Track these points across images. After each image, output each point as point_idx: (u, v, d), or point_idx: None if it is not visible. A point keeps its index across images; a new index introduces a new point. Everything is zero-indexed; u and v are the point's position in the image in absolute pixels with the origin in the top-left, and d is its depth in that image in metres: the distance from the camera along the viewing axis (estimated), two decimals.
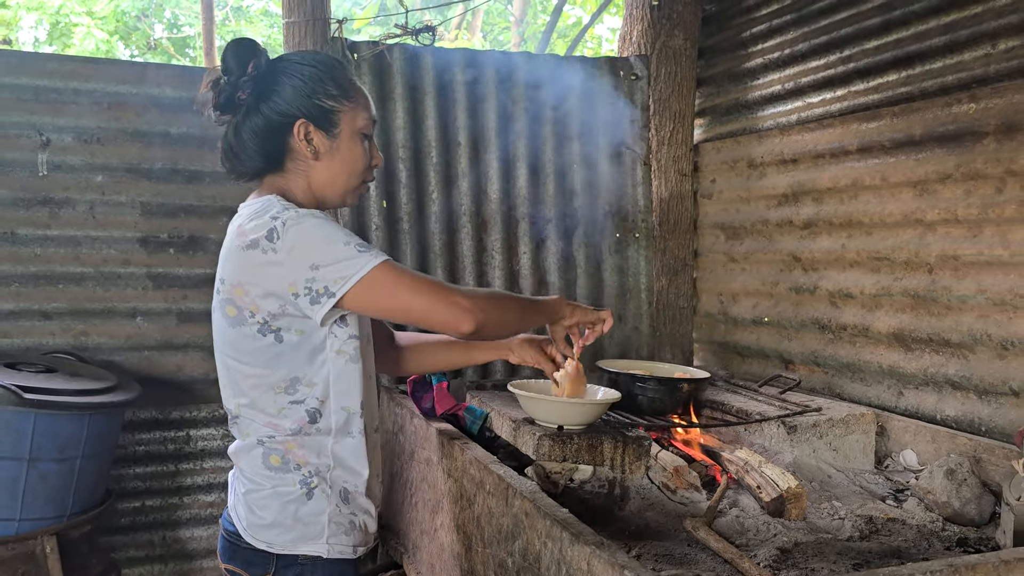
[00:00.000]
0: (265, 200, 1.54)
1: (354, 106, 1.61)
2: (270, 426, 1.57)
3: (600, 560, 1.43)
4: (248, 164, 1.61)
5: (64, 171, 3.04)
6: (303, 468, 1.58)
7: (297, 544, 1.57)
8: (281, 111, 1.56)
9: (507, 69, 3.40)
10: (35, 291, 3.02)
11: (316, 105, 1.57)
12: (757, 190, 3.38)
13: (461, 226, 3.37)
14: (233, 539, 1.62)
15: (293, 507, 1.57)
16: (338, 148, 1.60)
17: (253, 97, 1.57)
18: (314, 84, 1.57)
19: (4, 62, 2.98)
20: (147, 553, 3.20)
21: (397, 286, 1.49)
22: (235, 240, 1.53)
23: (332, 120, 1.59)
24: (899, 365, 2.76)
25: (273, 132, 1.57)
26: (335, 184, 1.63)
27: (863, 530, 2.02)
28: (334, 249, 1.47)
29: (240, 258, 1.50)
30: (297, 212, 1.49)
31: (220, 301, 1.57)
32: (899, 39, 2.76)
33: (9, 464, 2.40)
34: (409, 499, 2.57)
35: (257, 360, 1.54)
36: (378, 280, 1.47)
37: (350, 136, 1.61)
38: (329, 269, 1.46)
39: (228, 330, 1.56)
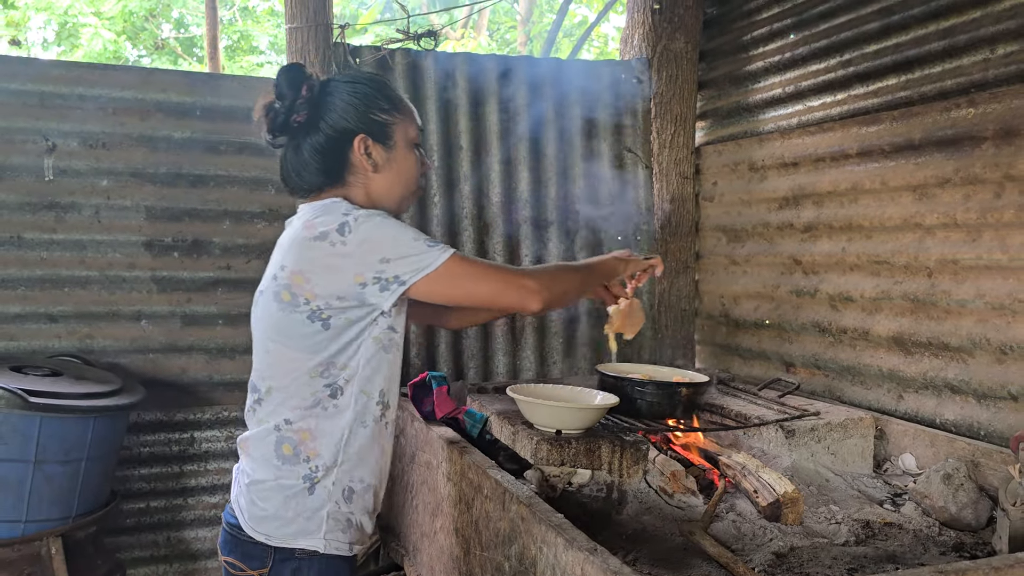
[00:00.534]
0: (332, 201, 1.64)
1: (404, 118, 1.71)
2: (295, 410, 1.61)
3: (593, 566, 1.44)
4: (309, 180, 1.70)
5: (70, 176, 3.07)
6: (312, 461, 1.61)
7: (296, 538, 1.60)
8: (341, 128, 1.66)
9: (509, 73, 3.42)
10: (41, 294, 3.05)
11: (372, 120, 1.67)
12: (758, 193, 3.38)
13: (463, 229, 3.39)
14: (234, 532, 1.66)
15: (294, 500, 1.60)
16: (395, 159, 1.70)
17: (311, 118, 1.67)
18: (367, 101, 1.67)
19: (10, 68, 3.01)
20: (152, 553, 3.23)
21: (468, 276, 1.61)
22: (301, 232, 1.60)
23: (387, 133, 1.69)
24: (899, 369, 2.77)
25: (334, 148, 1.67)
26: (392, 193, 1.72)
27: (859, 535, 2.03)
28: (404, 244, 1.57)
29: (306, 248, 1.58)
30: (367, 211, 1.59)
31: (276, 287, 1.62)
32: (898, 43, 2.76)
33: (15, 466, 2.43)
34: (410, 501, 2.59)
35: (301, 345, 1.60)
36: (450, 272, 1.58)
37: (404, 147, 1.71)
38: (400, 262, 1.56)
39: (278, 314, 1.62)
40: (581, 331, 3.55)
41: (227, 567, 1.68)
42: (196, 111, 3.20)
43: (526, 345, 3.49)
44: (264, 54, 12.25)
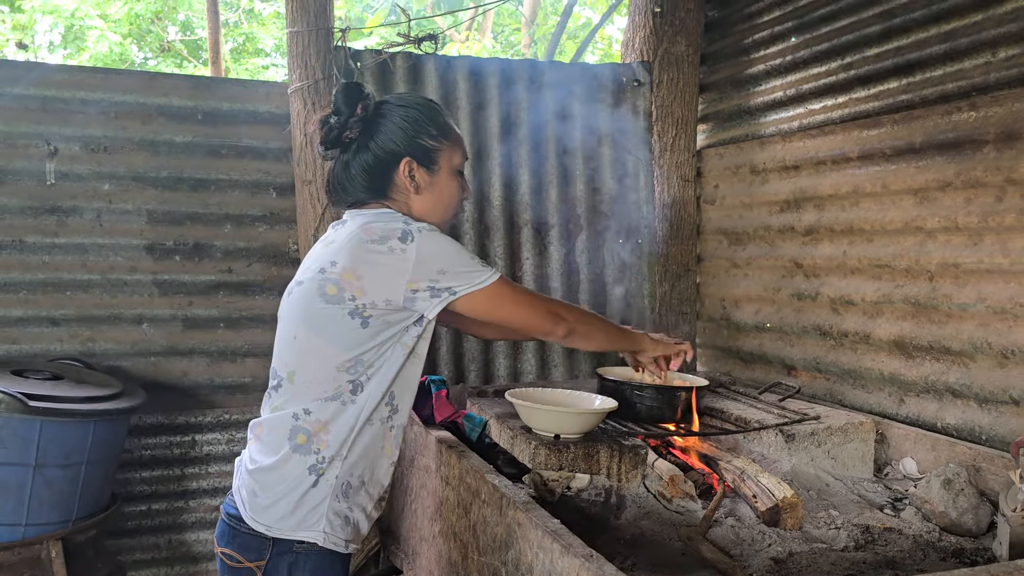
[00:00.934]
0: (387, 211, 1.75)
1: (451, 145, 1.80)
2: (315, 400, 1.66)
3: (589, 572, 1.44)
4: (354, 194, 1.78)
5: (71, 180, 3.09)
6: (321, 452, 1.65)
7: (295, 530, 1.63)
8: (389, 150, 1.75)
9: (510, 76, 3.42)
10: (43, 298, 3.06)
11: (419, 145, 1.75)
12: (759, 196, 3.38)
13: (463, 232, 3.39)
14: (233, 523, 1.68)
15: (297, 492, 1.63)
16: (437, 183, 1.78)
17: (363, 136, 1.76)
18: (417, 126, 1.75)
19: (12, 72, 3.03)
20: (153, 556, 3.24)
21: (509, 299, 1.74)
22: (359, 234, 1.67)
23: (432, 158, 1.77)
24: (900, 372, 2.75)
25: (381, 168, 1.75)
26: (433, 215, 1.79)
27: (859, 540, 2.02)
28: (461, 260, 1.68)
29: (363, 249, 1.65)
30: (427, 224, 1.70)
31: (321, 279, 1.67)
32: (899, 47, 2.75)
33: (15, 470, 2.44)
34: (409, 505, 2.59)
35: (336, 339, 1.66)
36: (496, 292, 1.70)
37: (448, 173, 1.79)
38: (454, 275, 1.66)
39: (319, 305, 1.66)
40: None
41: (223, 558, 1.70)
42: (198, 115, 3.21)
43: (527, 349, 3.49)
44: (270, 56, 12.28)
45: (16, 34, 10.38)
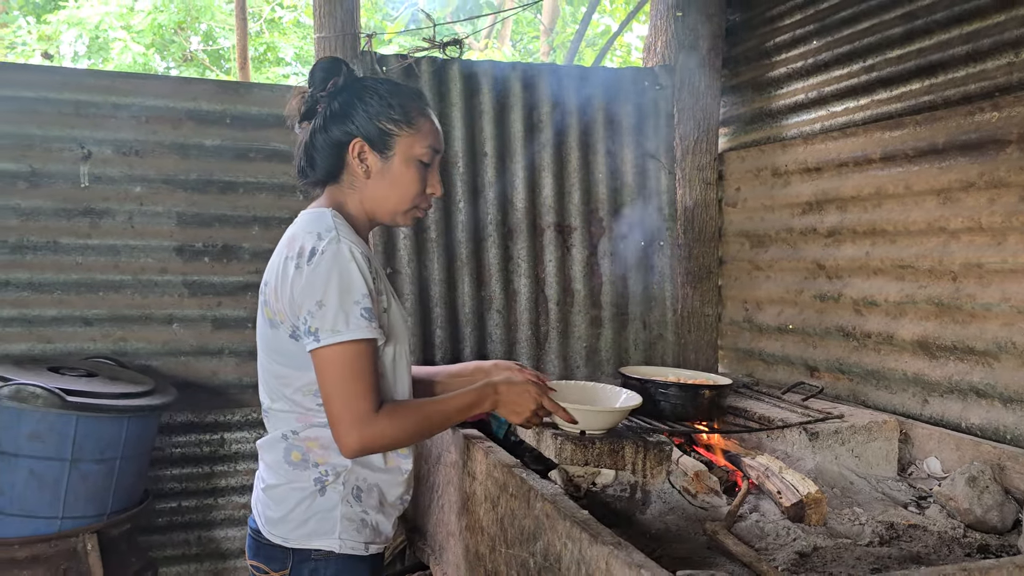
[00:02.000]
0: (319, 213, 1.65)
1: (414, 132, 1.68)
2: (301, 420, 1.64)
3: (618, 560, 1.47)
4: (314, 174, 1.73)
5: (104, 182, 3.15)
6: (321, 466, 1.64)
7: (311, 538, 1.63)
8: (344, 129, 1.67)
9: (533, 80, 3.46)
10: (76, 298, 3.13)
11: (376, 127, 1.66)
12: (781, 198, 3.39)
13: (487, 235, 3.43)
14: (256, 536, 1.69)
15: (307, 502, 1.63)
16: (389, 170, 1.68)
17: (326, 112, 1.68)
18: (379, 107, 1.67)
19: (47, 78, 3.10)
20: (183, 552, 3.29)
21: (334, 372, 1.54)
22: (284, 247, 1.63)
23: (387, 143, 1.67)
24: (924, 373, 2.76)
25: (335, 147, 1.68)
26: (385, 204, 1.70)
27: (883, 536, 2.03)
28: (344, 299, 1.53)
29: (282, 266, 1.60)
30: (339, 243, 1.56)
31: (262, 302, 1.66)
32: (922, 48, 2.77)
33: (52, 464, 2.50)
34: (436, 501, 2.63)
35: (288, 362, 1.62)
36: (336, 357, 1.53)
37: (404, 161, 1.68)
38: (328, 315, 1.52)
39: (267, 330, 1.65)
40: (605, 336, 3.58)
41: (253, 570, 1.72)
42: (226, 119, 3.28)
43: (550, 350, 3.52)
44: (290, 65, 12.42)
45: (42, 45, 10.56)
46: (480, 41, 11.24)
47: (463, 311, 3.41)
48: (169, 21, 10.77)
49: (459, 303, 3.41)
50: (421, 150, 1.70)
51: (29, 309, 3.07)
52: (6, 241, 3.04)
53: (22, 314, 3.07)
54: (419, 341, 3.34)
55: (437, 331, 3.36)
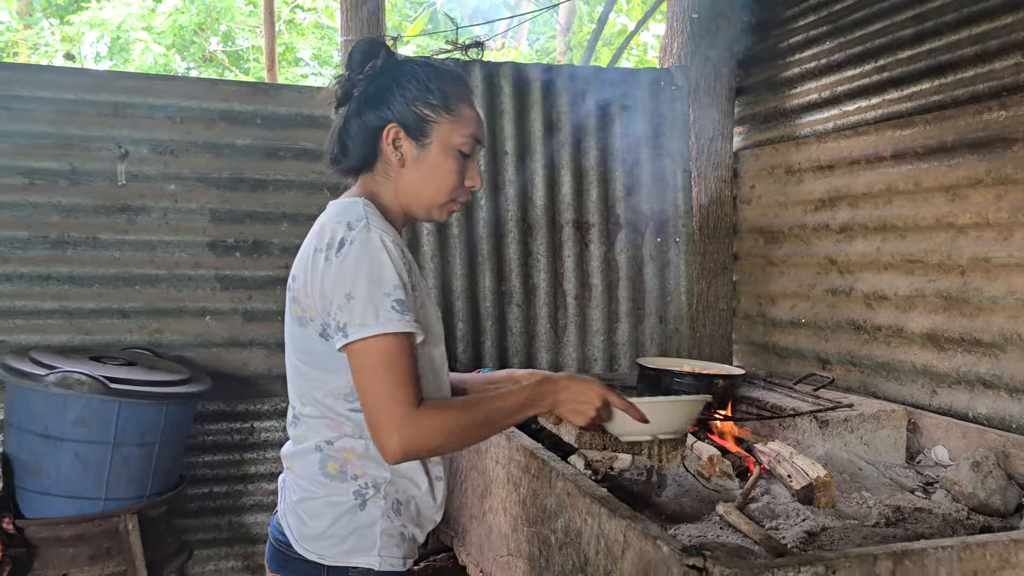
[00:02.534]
0: (350, 202, 1.53)
1: (454, 121, 1.55)
2: (333, 429, 1.52)
3: (635, 532, 1.57)
4: (346, 161, 1.61)
5: (140, 181, 3.28)
6: (360, 479, 1.52)
7: (350, 556, 1.52)
8: (379, 113, 1.55)
9: (552, 81, 3.57)
10: (114, 291, 3.26)
11: (412, 112, 1.54)
12: (795, 195, 3.48)
13: (508, 231, 3.54)
14: (283, 548, 1.57)
15: (347, 518, 1.51)
16: (425, 159, 1.55)
17: (362, 96, 1.57)
18: (416, 91, 1.54)
19: (86, 80, 3.24)
20: (215, 536, 3.42)
21: (372, 367, 1.40)
22: (314, 239, 1.50)
23: (424, 130, 1.54)
24: (932, 364, 2.84)
25: (369, 133, 1.56)
26: (421, 195, 1.58)
27: (889, 518, 2.12)
28: (374, 291, 1.41)
29: (310, 259, 1.48)
30: (369, 231, 1.44)
31: (290, 299, 1.55)
32: (932, 49, 2.84)
33: (96, 448, 2.63)
34: (459, 486, 2.73)
35: (319, 364, 1.51)
36: (369, 351, 1.40)
37: (441, 150, 1.55)
38: (357, 308, 1.40)
39: (295, 329, 1.54)
40: (622, 329, 3.68)
41: None
42: (257, 119, 3.40)
43: (568, 343, 3.63)
44: (308, 65, 12.58)
45: (64, 46, 10.78)
46: (497, 42, 11.34)
47: (484, 305, 3.52)
48: (189, 22, 10.94)
49: (480, 297, 3.52)
50: (460, 139, 1.56)
51: (69, 302, 3.21)
52: (48, 237, 3.18)
53: (63, 306, 3.21)
54: None
55: (459, 324, 3.48)
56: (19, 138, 3.13)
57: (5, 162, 3.13)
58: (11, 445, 2.73)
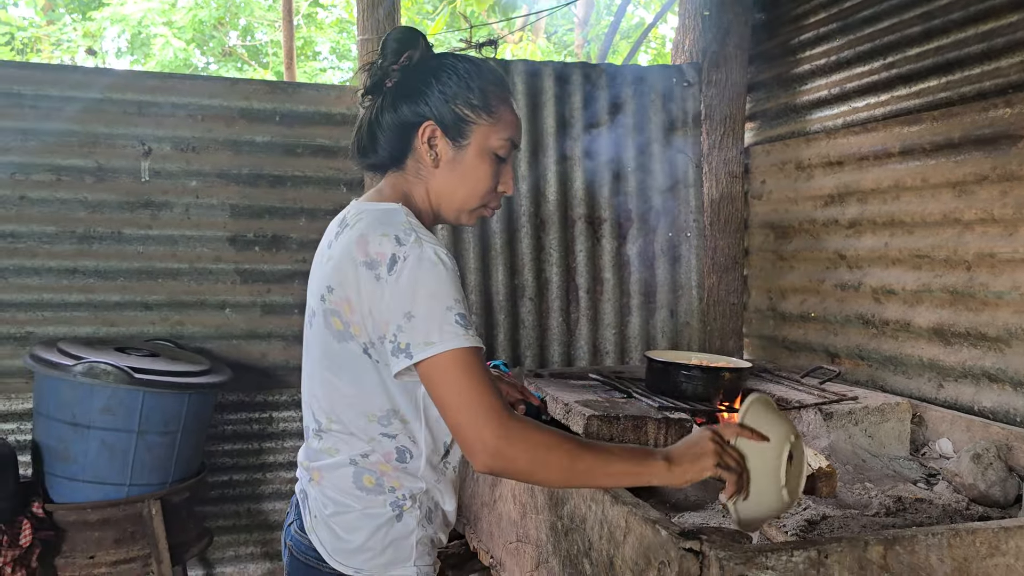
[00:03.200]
0: (389, 209, 1.44)
1: (493, 123, 1.48)
2: (369, 445, 1.46)
3: (636, 517, 1.64)
4: (375, 156, 1.54)
5: (163, 177, 3.38)
6: (397, 491, 1.47)
7: (388, 568, 1.47)
8: (415, 109, 1.48)
9: (565, 78, 3.62)
10: (138, 284, 3.36)
11: (451, 111, 1.47)
12: (805, 191, 3.52)
13: (520, 226, 3.60)
14: (311, 562, 1.49)
15: (384, 530, 1.46)
16: (461, 161, 1.49)
17: (396, 88, 1.49)
18: (457, 89, 1.47)
19: (112, 80, 3.33)
20: (234, 523, 3.52)
21: (455, 384, 1.31)
22: (353, 250, 1.39)
23: (462, 130, 1.47)
24: (939, 358, 2.88)
25: (404, 128, 1.49)
26: (453, 199, 1.51)
27: (890, 507, 2.17)
28: (435, 307, 1.32)
29: (355, 273, 1.38)
30: (422, 246, 1.35)
31: (325, 310, 1.44)
32: (939, 46, 2.87)
33: (121, 436, 2.72)
34: (471, 476, 2.81)
35: (357, 381, 1.43)
36: (445, 366, 1.31)
37: (478, 152, 1.48)
38: (419, 327, 1.32)
39: (332, 343, 1.44)
40: (633, 323, 3.74)
41: None
42: (276, 117, 3.48)
43: (580, 336, 3.69)
44: (326, 59, 12.68)
45: (86, 41, 10.95)
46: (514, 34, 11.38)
47: (497, 298, 3.59)
48: (209, 17, 11.07)
49: (493, 291, 3.59)
50: (498, 142, 1.49)
51: (95, 294, 3.31)
52: (74, 231, 3.28)
53: (89, 299, 3.31)
54: None
55: (472, 318, 3.54)
56: (47, 136, 3.23)
57: (34, 159, 3.23)
58: (40, 432, 2.83)
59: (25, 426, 3.22)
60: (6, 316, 3.23)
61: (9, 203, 3.21)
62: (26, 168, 3.23)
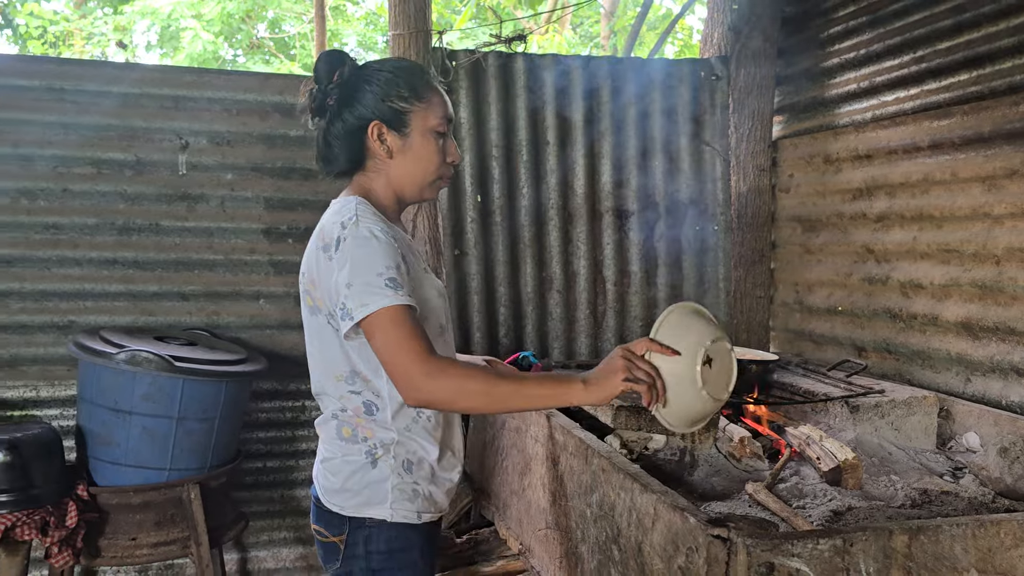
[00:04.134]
0: (345, 201, 1.70)
1: (426, 106, 1.72)
2: (343, 401, 1.72)
3: (664, 505, 1.68)
4: (337, 164, 1.77)
5: (199, 170, 3.45)
6: (369, 440, 1.71)
7: (364, 508, 1.71)
8: (358, 115, 1.71)
9: (593, 72, 3.65)
10: (175, 275, 3.44)
11: (388, 107, 1.70)
12: (833, 184, 3.52)
13: (549, 219, 3.64)
14: (316, 503, 1.79)
15: (359, 474, 1.70)
16: (410, 146, 1.72)
17: (337, 103, 1.72)
18: (387, 88, 1.70)
19: (150, 75, 3.41)
20: (268, 508, 3.60)
21: (384, 335, 1.54)
22: (316, 238, 1.71)
23: (403, 120, 1.71)
24: (967, 353, 2.88)
25: (353, 135, 1.72)
26: (412, 180, 1.75)
27: (916, 500, 2.19)
28: (367, 274, 1.56)
29: (315, 256, 1.68)
30: (358, 226, 1.61)
31: (303, 291, 1.76)
32: (970, 40, 2.87)
33: (161, 422, 2.81)
34: (500, 463, 2.86)
35: (326, 348, 1.71)
36: (377, 322, 1.54)
37: (421, 135, 1.72)
38: (355, 293, 1.56)
39: (309, 318, 1.75)
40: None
41: (316, 535, 1.83)
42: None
43: (607, 328, 3.73)
44: (354, 52, 12.76)
45: (117, 34, 11.12)
46: (541, 27, 11.37)
47: (525, 291, 3.64)
48: (237, 9, 11.18)
49: (522, 283, 3.64)
50: (435, 121, 1.73)
51: (134, 285, 3.40)
52: (114, 223, 3.37)
53: (128, 289, 3.40)
54: (483, 319, 3.58)
55: (501, 309, 3.60)
56: (87, 130, 3.32)
57: (75, 153, 3.32)
58: (84, 418, 2.93)
59: (68, 411, 3.32)
60: (49, 305, 3.32)
61: (53, 195, 3.30)
62: (68, 161, 3.32)
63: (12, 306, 3.28)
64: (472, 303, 3.57)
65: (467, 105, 3.53)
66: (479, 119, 3.55)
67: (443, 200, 3.51)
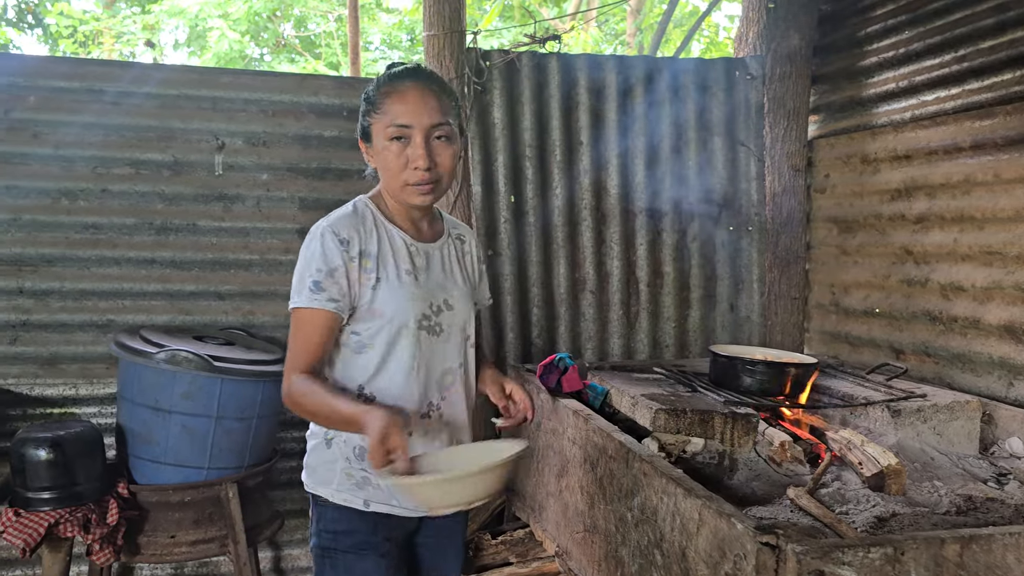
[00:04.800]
0: (349, 203, 1.93)
1: (380, 116, 1.81)
2: None
3: (710, 511, 1.67)
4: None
5: (236, 171, 3.48)
6: None
7: (317, 486, 1.86)
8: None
9: (627, 72, 3.64)
10: (212, 275, 3.48)
11: (360, 124, 1.88)
12: (870, 185, 3.48)
13: (582, 219, 3.63)
14: None
15: (317, 452, 1.88)
16: (376, 154, 1.85)
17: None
18: (362, 106, 1.87)
19: (189, 77, 3.44)
20: (301, 507, 3.62)
21: (291, 331, 1.81)
22: None
23: (368, 133, 1.86)
24: (1010, 356, 2.84)
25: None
26: (388, 186, 1.87)
27: (960, 506, 2.16)
28: (303, 271, 1.80)
29: None
30: (319, 225, 1.84)
31: None
32: (1013, 39, 2.82)
33: (201, 421, 2.84)
34: (536, 465, 2.86)
35: None
36: (293, 317, 1.81)
37: (380, 143, 1.82)
38: (294, 285, 1.82)
39: None
40: (693, 317, 3.75)
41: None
42: (343, 112, 3.56)
43: (640, 329, 3.71)
44: (378, 50, 12.79)
45: (145, 34, 11.23)
46: (566, 23, 11.33)
47: (558, 291, 3.63)
48: (264, 8, 11.24)
49: (555, 284, 3.63)
50: (388, 128, 1.79)
51: (171, 284, 3.44)
52: (152, 223, 3.41)
53: (165, 288, 3.43)
54: (516, 319, 3.58)
55: (534, 310, 3.59)
56: (126, 131, 3.36)
57: (114, 154, 3.36)
58: (124, 416, 2.97)
59: (107, 409, 3.37)
60: (88, 304, 3.37)
61: (92, 196, 3.35)
62: (107, 162, 3.36)
63: (52, 305, 3.33)
64: (505, 303, 3.57)
65: (501, 105, 3.53)
66: (512, 119, 3.55)
67: (476, 200, 3.51)
